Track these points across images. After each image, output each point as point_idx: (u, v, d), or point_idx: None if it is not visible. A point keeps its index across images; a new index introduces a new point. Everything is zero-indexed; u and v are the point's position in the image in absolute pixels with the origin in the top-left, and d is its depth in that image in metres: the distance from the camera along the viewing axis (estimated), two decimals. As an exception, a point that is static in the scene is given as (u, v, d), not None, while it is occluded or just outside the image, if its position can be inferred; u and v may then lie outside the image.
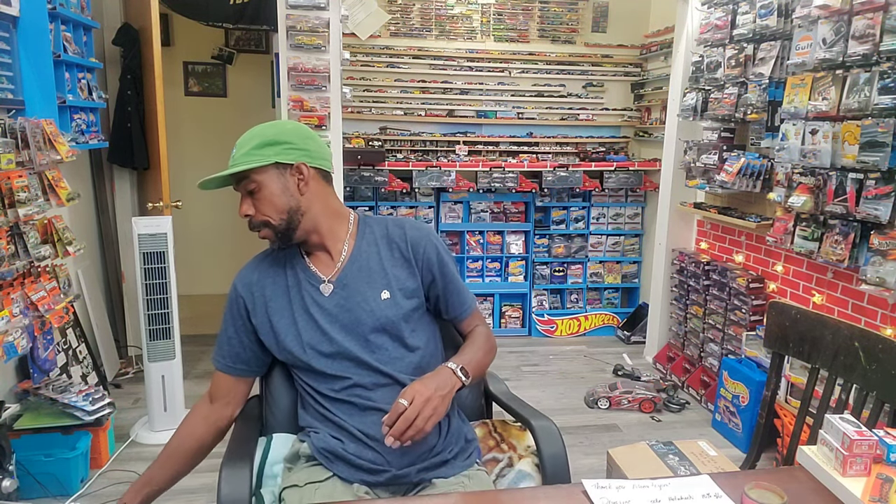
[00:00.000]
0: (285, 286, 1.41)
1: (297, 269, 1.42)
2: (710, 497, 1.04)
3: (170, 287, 2.85)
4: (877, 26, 2.29)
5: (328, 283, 1.40)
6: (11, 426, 2.40)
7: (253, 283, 1.42)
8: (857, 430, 1.10)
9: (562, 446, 1.36)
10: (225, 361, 1.45)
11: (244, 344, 1.44)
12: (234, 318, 1.44)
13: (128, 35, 3.57)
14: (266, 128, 1.38)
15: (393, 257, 1.43)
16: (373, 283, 1.40)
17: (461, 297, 1.50)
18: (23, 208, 2.26)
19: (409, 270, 1.43)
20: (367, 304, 1.38)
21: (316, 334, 1.38)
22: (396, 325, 1.39)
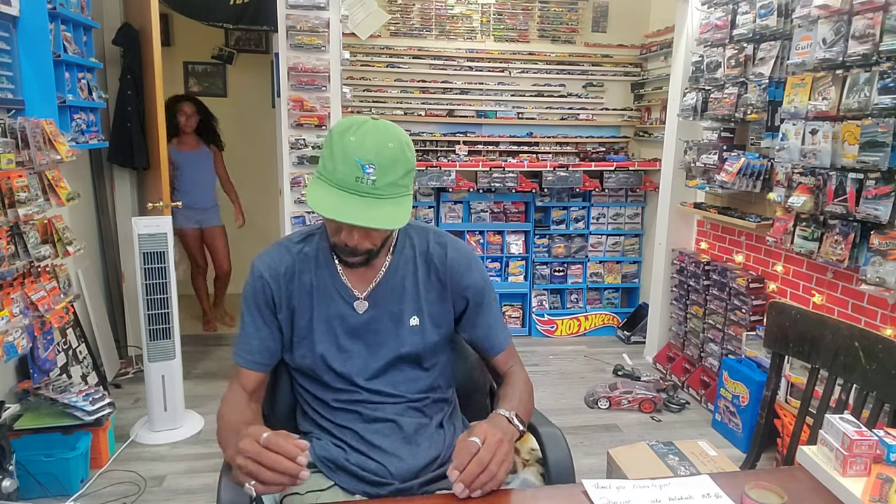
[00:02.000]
0: (310, 287, 1.31)
1: (326, 274, 1.31)
2: (711, 497, 1.04)
3: (170, 287, 2.85)
4: (877, 26, 2.29)
5: (363, 300, 1.31)
6: (11, 426, 2.40)
7: (280, 276, 1.30)
8: (857, 430, 1.10)
9: (568, 454, 1.33)
10: (254, 358, 1.31)
11: (274, 336, 1.32)
12: (259, 307, 1.30)
13: (128, 35, 3.57)
14: (401, 147, 1.14)
15: (429, 280, 1.34)
16: (404, 306, 1.32)
17: (495, 330, 1.40)
18: (23, 208, 2.26)
19: (443, 296, 1.34)
20: (395, 329, 1.31)
21: (331, 348, 1.31)
22: (419, 355, 1.33)
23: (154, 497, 2.48)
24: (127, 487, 2.52)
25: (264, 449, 1.00)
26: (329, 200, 1.10)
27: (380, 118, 1.17)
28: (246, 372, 1.32)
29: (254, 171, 4.91)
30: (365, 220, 1.10)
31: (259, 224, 4.78)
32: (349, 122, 1.15)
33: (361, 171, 1.10)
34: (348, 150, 1.11)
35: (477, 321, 1.37)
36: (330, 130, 1.17)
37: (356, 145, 1.10)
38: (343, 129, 1.14)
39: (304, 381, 1.37)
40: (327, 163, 1.13)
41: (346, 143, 1.11)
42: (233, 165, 4.86)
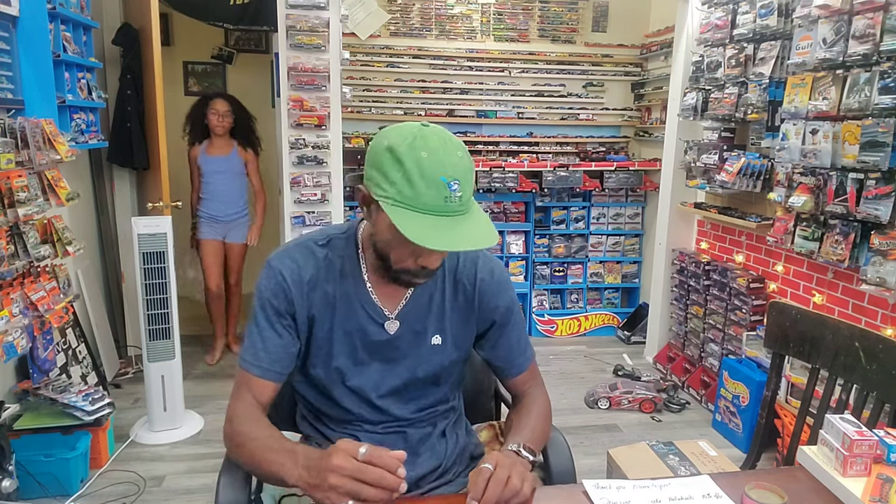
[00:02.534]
0: (332, 298, 1.21)
1: (351, 286, 1.22)
2: (711, 497, 1.04)
3: (169, 287, 2.85)
4: (877, 26, 2.29)
5: (394, 319, 1.23)
6: (11, 426, 2.40)
7: (304, 283, 1.19)
8: (857, 431, 1.10)
9: (569, 458, 1.32)
10: (272, 366, 1.18)
11: (293, 343, 1.21)
12: (279, 312, 1.18)
13: (128, 35, 3.57)
14: (466, 152, 1.07)
15: (455, 300, 1.27)
16: (428, 324, 1.25)
17: (516, 352, 1.33)
18: (22, 208, 2.25)
19: (468, 317, 1.28)
20: (416, 347, 1.24)
21: (349, 363, 1.24)
22: (437, 374, 1.28)
23: (154, 497, 2.48)
24: (126, 487, 2.52)
25: (366, 465, 0.94)
26: (426, 231, 1.00)
27: (429, 123, 1.07)
28: (260, 382, 1.18)
29: (254, 171, 4.89)
30: (473, 243, 1.03)
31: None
32: (406, 134, 1.03)
33: (448, 190, 1.00)
34: (427, 168, 1.00)
35: (499, 342, 1.32)
36: (389, 148, 1.03)
37: (434, 162, 1.00)
38: (408, 144, 1.01)
39: (309, 390, 1.30)
40: (404, 188, 1.00)
41: (420, 160, 1.00)
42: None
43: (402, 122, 1.08)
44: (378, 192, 1.04)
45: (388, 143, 1.03)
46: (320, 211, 3.37)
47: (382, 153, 1.03)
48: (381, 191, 1.03)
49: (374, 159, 1.05)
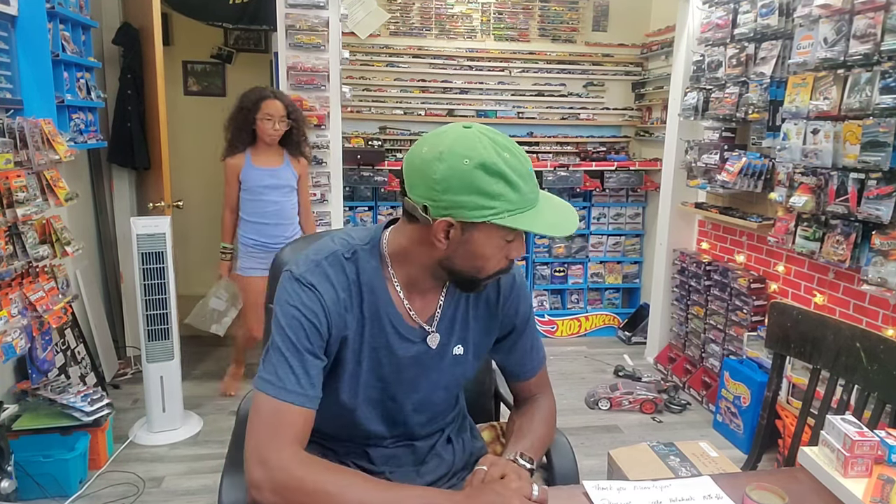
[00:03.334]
0: (362, 317, 1.12)
1: (379, 302, 1.13)
2: (712, 498, 1.03)
3: (168, 287, 2.85)
4: (878, 26, 2.28)
5: (434, 332, 1.18)
6: (10, 427, 2.39)
7: (339, 303, 1.09)
8: (858, 431, 1.09)
9: (573, 461, 1.34)
10: (315, 392, 1.05)
11: (325, 363, 1.10)
12: (319, 333, 1.07)
13: (128, 34, 3.57)
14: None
15: (477, 309, 1.22)
16: (453, 334, 1.20)
17: (531, 356, 1.31)
18: (21, 208, 2.25)
19: (489, 326, 1.24)
20: (440, 360, 1.20)
21: (375, 380, 1.16)
22: (458, 385, 1.27)
23: (153, 498, 2.47)
24: (125, 488, 2.51)
25: None
26: (543, 221, 1.01)
27: (470, 124, 1.04)
28: (299, 411, 1.02)
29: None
30: (573, 214, 1.07)
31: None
32: (478, 143, 0.98)
33: (534, 177, 1.03)
34: (518, 167, 0.99)
35: (515, 346, 1.29)
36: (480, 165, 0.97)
37: (517, 158, 0.99)
38: (491, 153, 0.97)
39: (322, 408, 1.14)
40: (511, 195, 0.98)
41: (510, 163, 0.98)
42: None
43: (445, 134, 1.01)
44: (481, 215, 0.98)
45: (473, 161, 0.96)
46: (320, 211, 3.36)
47: (474, 174, 0.96)
48: (487, 211, 0.98)
49: (466, 183, 0.97)
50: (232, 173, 3.03)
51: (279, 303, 1.08)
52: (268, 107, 2.92)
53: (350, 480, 0.98)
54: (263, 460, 0.97)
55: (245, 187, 3.01)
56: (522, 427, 1.24)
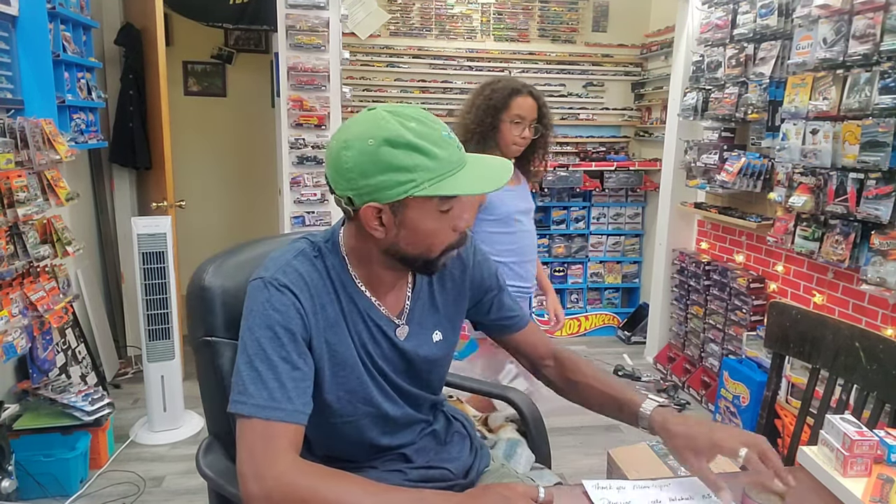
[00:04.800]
0: (337, 316, 1.07)
1: (348, 298, 1.09)
2: (711, 498, 1.03)
3: (169, 287, 2.85)
4: (877, 26, 2.29)
5: (403, 324, 1.14)
6: (11, 426, 2.39)
7: (314, 298, 1.04)
8: (857, 431, 1.09)
9: (536, 407, 1.48)
10: (296, 406, 0.97)
11: (311, 371, 1.03)
12: (296, 340, 1.00)
13: (129, 35, 3.57)
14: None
15: (444, 287, 1.20)
16: (428, 322, 1.18)
17: (516, 305, 1.31)
18: (22, 208, 2.25)
19: (459, 301, 1.23)
20: (425, 350, 1.16)
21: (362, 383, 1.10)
22: (443, 369, 1.24)
23: (153, 497, 2.48)
24: (126, 488, 2.52)
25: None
26: (471, 181, 0.99)
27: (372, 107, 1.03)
28: (286, 428, 0.95)
29: (253, 171, 4.90)
30: (505, 169, 1.04)
31: (259, 225, 4.76)
32: (381, 122, 0.97)
33: (453, 139, 1.00)
34: (429, 133, 0.96)
35: (495, 303, 1.28)
36: (386, 141, 0.95)
37: (427, 124, 0.98)
38: (395, 127, 0.96)
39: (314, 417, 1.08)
40: (427, 163, 0.95)
41: (418, 131, 0.96)
42: (232, 166, 4.87)
43: (350, 124, 1.01)
44: (401, 191, 0.96)
45: (376, 140, 0.95)
46: (320, 211, 3.36)
47: (381, 151, 0.95)
48: (406, 186, 0.95)
49: (375, 163, 0.95)
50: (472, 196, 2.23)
51: (249, 313, 1.00)
52: (520, 105, 2.09)
53: (346, 485, 0.93)
54: (255, 474, 0.92)
55: (493, 216, 2.14)
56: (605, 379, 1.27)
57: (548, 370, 1.34)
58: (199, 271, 1.23)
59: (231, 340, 1.19)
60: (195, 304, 1.22)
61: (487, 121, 2.09)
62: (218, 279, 1.21)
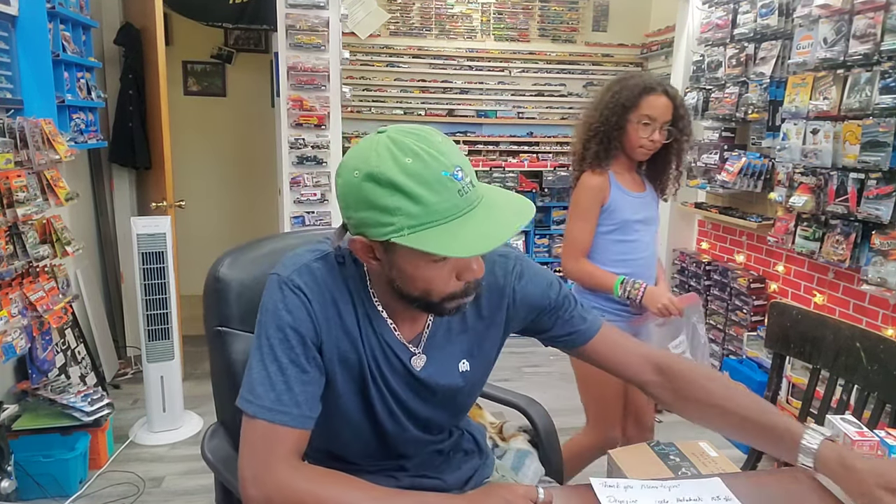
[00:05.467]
0: (352, 329, 1.01)
1: (365, 314, 1.02)
2: (720, 500, 1.01)
3: (169, 287, 2.85)
4: (878, 26, 2.28)
5: (420, 353, 1.05)
6: (10, 427, 2.39)
7: (328, 307, 0.98)
8: (858, 431, 1.09)
9: (550, 419, 1.44)
10: (303, 412, 0.95)
11: (322, 377, 0.99)
12: (305, 344, 0.96)
13: (129, 35, 3.57)
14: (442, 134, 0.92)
15: (479, 314, 1.09)
16: (455, 348, 1.08)
17: (585, 312, 1.16)
18: (21, 208, 2.25)
19: (496, 328, 1.11)
20: (447, 378, 1.07)
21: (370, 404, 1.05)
22: (468, 399, 1.16)
23: (153, 498, 2.47)
24: (126, 488, 2.51)
25: None
26: (464, 237, 0.85)
27: (383, 129, 0.91)
28: (290, 432, 0.94)
29: (253, 171, 4.90)
30: (518, 218, 0.88)
31: (258, 225, 4.77)
32: (373, 152, 0.87)
33: (457, 182, 0.85)
34: (423, 172, 0.84)
35: (560, 317, 1.14)
36: (368, 177, 0.85)
37: (425, 162, 0.84)
38: (385, 161, 0.85)
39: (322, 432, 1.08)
40: (411, 208, 0.84)
41: (409, 169, 0.84)
42: (232, 166, 4.87)
43: (358, 144, 0.91)
44: (382, 233, 0.86)
45: (362, 172, 0.86)
46: (320, 211, 3.36)
47: (363, 186, 0.86)
48: (386, 228, 0.85)
49: (359, 198, 0.87)
50: (594, 199, 1.92)
51: (264, 311, 0.98)
52: (651, 104, 1.85)
53: (347, 490, 0.92)
54: (254, 477, 0.91)
55: (611, 222, 1.95)
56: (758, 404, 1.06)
57: (653, 388, 1.14)
58: (216, 263, 1.25)
59: (244, 332, 1.22)
60: (210, 295, 1.24)
61: (613, 120, 1.87)
62: (233, 272, 1.23)
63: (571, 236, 1.99)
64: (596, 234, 1.96)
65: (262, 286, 1.02)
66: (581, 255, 1.98)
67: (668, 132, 1.89)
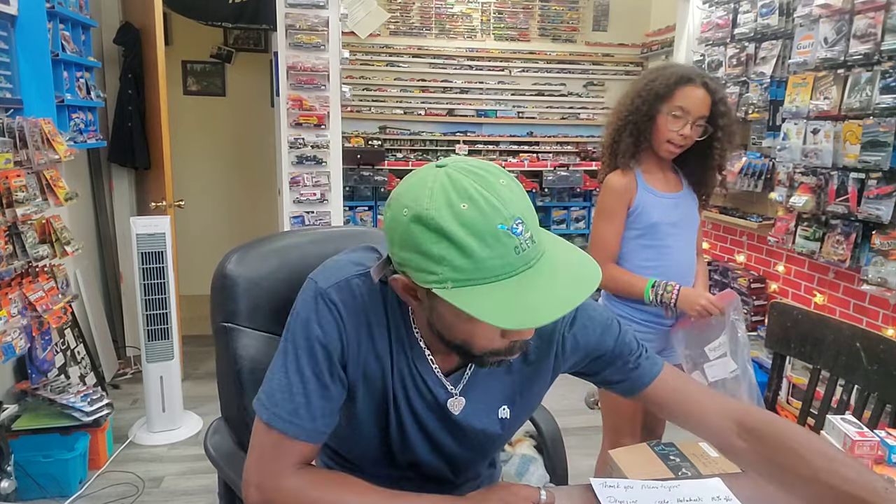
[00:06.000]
0: (384, 351, 0.95)
1: (402, 344, 0.96)
2: (720, 500, 1.01)
3: (168, 287, 2.84)
4: (878, 25, 2.28)
5: (458, 396, 0.98)
6: (10, 427, 2.39)
7: (361, 328, 0.93)
8: (858, 431, 1.09)
9: (556, 425, 1.41)
10: (317, 427, 0.91)
11: (343, 393, 0.95)
12: (331, 360, 0.91)
13: (129, 34, 3.56)
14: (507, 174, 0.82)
15: (526, 360, 1.01)
16: (495, 395, 1.01)
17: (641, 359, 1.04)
18: (21, 208, 2.25)
19: (543, 376, 1.03)
20: (484, 424, 1.01)
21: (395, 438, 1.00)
22: (500, 440, 1.08)
23: (152, 498, 2.47)
24: (125, 488, 2.51)
25: None
26: (512, 306, 0.76)
27: (444, 161, 0.82)
28: (302, 446, 0.91)
29: (253, 171, 4.90)
30: (580, 291, 0.79)
31: (258, 225, 4.76)
32: (427, 190, 0.78)
33: (515, 237, 0.76)
34: (477, 223, 0.75)
35: (610, 364, 1.04)
36: (416, 219, 0.77)
37: (482, 211, 0.75)
38: (438, 203, 0.76)
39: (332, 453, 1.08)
40: (458, 261, 0.75)
41: (464, 217, 0.75)
42: (231, 165, 4.86)
43: (414, 174, 0.83)
44: (425, 279, 0.78)
45: (411, 212, 0.78)
46: (319, 211, 3.36)
47: (410, 228, 0.78)
48: (429, 276, 0.77)
49: (405, 238, 0.79)
50: (618, 200, 1.78)
51: (295, 317, 0.93)
52: (686, 95, 1.69)
53: (349, 496, 0.90)
54: (258, 485, 0.90)
55: (638, 226, 1.80)
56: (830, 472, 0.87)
57: (739, 454, 0.98)
58: (223, 259, 1.24)
59: (250, 329, 1.22)
60: (217, 291, 1.24)
61: (644, 108, 1.71)
62: (241, 268, 1.23)
63: (595, 239, 1.84)
64: (625, 239, 1.81)
65: (269, 283, 1.00)
66: (607, 259, 1.79)
67: (703, 128, 1.71)
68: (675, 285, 1.74)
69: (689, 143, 1.72)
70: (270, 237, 1.36)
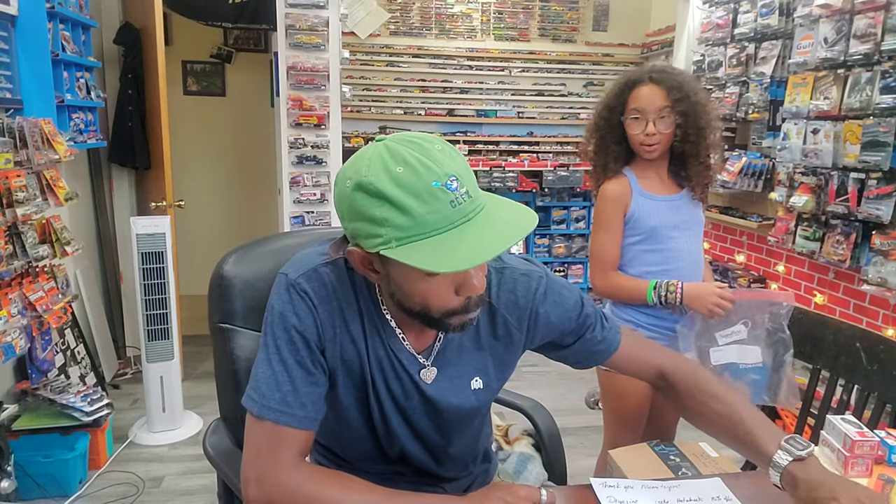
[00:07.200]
0: (358, 339, 0.99)
1: (372, 324, 0.99)
2: (720, 500, 1.01)
3: (168, 287, 2.84)
4: (878, 25, 2.28)
5: (430, 367, 1.02)
6: (10, 427, 2.39)
7: (336, 310, 0.97)
8: (858, 431, 1.09)
9: (554, 423, 1.42)
10: (307, 414, 0.94)
11: (326, 381, 0.98)
12: (308, 346, 0.95)
13: (129, 34, 3.57)
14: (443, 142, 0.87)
15: (494, 332, 1.06)
16: (466, 367, 1.05)
17: (607, 328, 1.13)
18: (21, 208, 2.25)
19: (513, 348, 1.08)
20: (457, 396, 1.04)
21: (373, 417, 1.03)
22: (480, 417, 1.13)
23: (152, 498, 2.47)
24: (125, 488, 2.51)
25: None
26: (453, 251, 0.80)
27: (383, 137, 0.89)
28: (296, 434, 0.93)
29: (253, 171, 4.90)
30: (515, 232, 0.85)
31: (257, 225, 4.76)
32: (367, 161, 0.84)
33: (451, 192, 0.81)
34: (412, 182, 0.80)
35: (579, 338, 1.12)
36: (358, 186, 0.83)
37: (416, 171, 0.81)
38: (375, 170, 0.82)
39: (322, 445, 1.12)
40: (399, 220, 0.80)
41: (400, 179, 0.80)
42: (231, 165, 4.86)
43: (354, 154, 0.89)
44: (372, 244, 0.83)
45: (352, 182, 0.83)
46: (319, 211, 3.36)
47: (354, 196, 0.83)
48: (375, 240, 0.82)
49: (350, 208, 0.84)
50: (614, 209, 1.76)
51: (271, 311, 0.96)
52: (637, 98, 1.69)
53: (348, 493, 0.91)
54: (257, 479, 0.91)
55: (638, 232, 1.77)
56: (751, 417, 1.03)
57: (661, 391, 1.19)
58: (221, 260, 1.26)
59: (246, 329, 1.23)
60: (214, 291, 1.25)
61: (602, 124, 1.77)
62: (238, 269, 1.24)
63: (594, 250, 1.82)
64: (626, 246, 1.79)
65: (266, 284, 1.02)
66: (608, 269, 1.78)
67: (666, 122, 1.67)
68: (678, 283, 1.73)
69: (663, 139, 1.70)
70: (269, 238, 1.36)
